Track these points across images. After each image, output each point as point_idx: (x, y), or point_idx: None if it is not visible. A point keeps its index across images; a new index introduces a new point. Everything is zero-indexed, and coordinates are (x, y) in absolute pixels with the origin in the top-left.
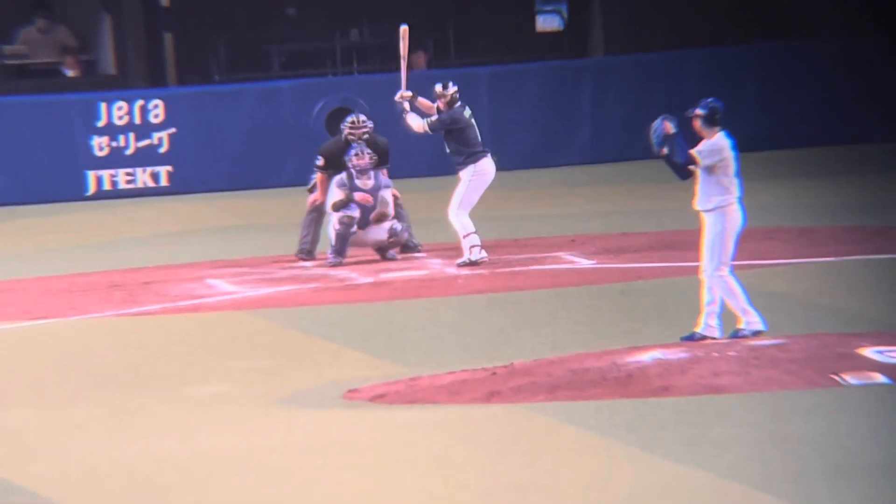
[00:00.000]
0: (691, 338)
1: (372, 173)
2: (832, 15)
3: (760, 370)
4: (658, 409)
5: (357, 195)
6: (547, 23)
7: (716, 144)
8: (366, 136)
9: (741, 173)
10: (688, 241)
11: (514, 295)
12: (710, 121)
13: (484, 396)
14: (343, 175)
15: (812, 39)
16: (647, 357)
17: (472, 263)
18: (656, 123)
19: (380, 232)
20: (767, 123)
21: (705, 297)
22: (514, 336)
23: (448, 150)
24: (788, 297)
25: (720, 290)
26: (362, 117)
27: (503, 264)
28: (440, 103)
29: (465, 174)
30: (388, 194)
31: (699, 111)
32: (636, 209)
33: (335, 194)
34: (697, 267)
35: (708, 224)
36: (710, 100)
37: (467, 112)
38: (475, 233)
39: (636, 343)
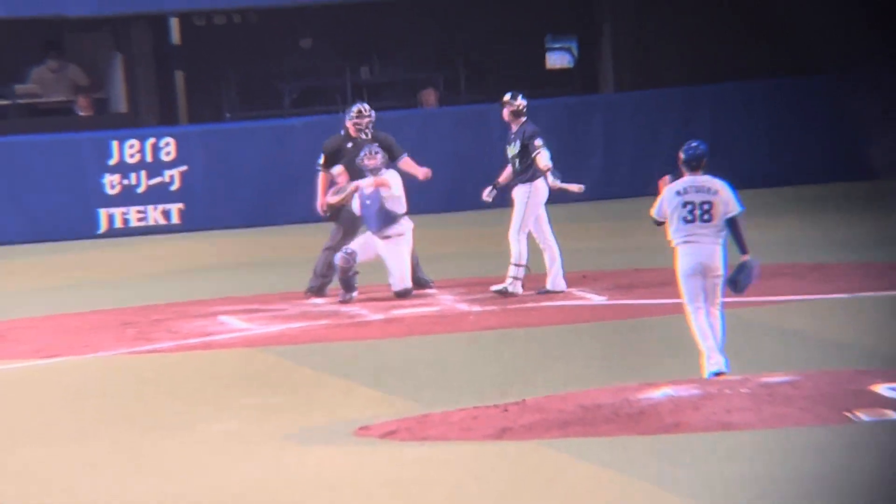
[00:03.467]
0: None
1: (383, 171)
2: (844, 50)
3: (773, 407)
4: (670, 446)
5: (358, 182)
6: (557, 60)
7: (666, 191)
8: (370, 126)
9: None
10: None
11: (525, 331)
12: (686, 164)
13: (496, 433)
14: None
15: (823, 75)
16: (658, 393)
17: (506, 294)
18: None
19: (399, 280)
20: (779, 159)
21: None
22: (526, 372)
23: (518, 166)
24: (801, 333)
25: (692, 322)
26: (366, 106)
27: (515, 300)
28: (506, 112)
29: (521, 194)
30: (391, 175)
31: (681, 154)
32: (647, 245)
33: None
34: None
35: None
36: (692, 143)
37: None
38: (524, 266)
39: (648, 379)
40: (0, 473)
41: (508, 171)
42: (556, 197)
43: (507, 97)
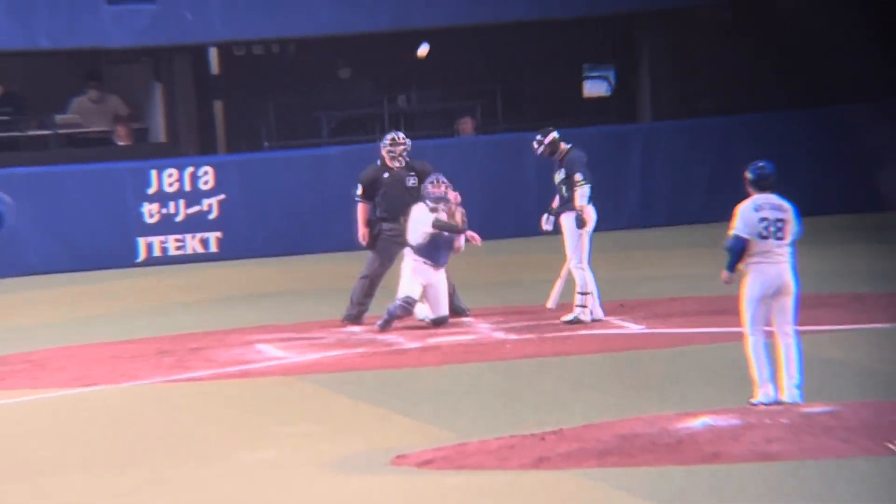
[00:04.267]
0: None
1: (444, 203)
2: (883, 78)
3: (813, 437)
4: (709, 477)
5: (467, 234)
6: (594, 88)
7: (742, 210)
8: (404, 153)
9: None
10: (736, 307)
11: (562, 359)
12: (754, 184)
13: (533, 462)
14: (423, 206)
15: (862, 104)
16: (697, 423)
17: (577, 322)
18: None
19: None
20: (818, 189)
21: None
22: (563, 401)
23: (566, 193)
24: (841, 363)
25: (749, 347)
26: (401, 135)
27: (552, 329)
28: (545, 151)
29: (570, 222)
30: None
31: (747, 174)
32: (685, 274)
33: (425, 214)
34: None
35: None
36: (758, 163)
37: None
38: (591, 294)
39: (686, 409)
40: (40, 500)
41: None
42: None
43: (534, 144)
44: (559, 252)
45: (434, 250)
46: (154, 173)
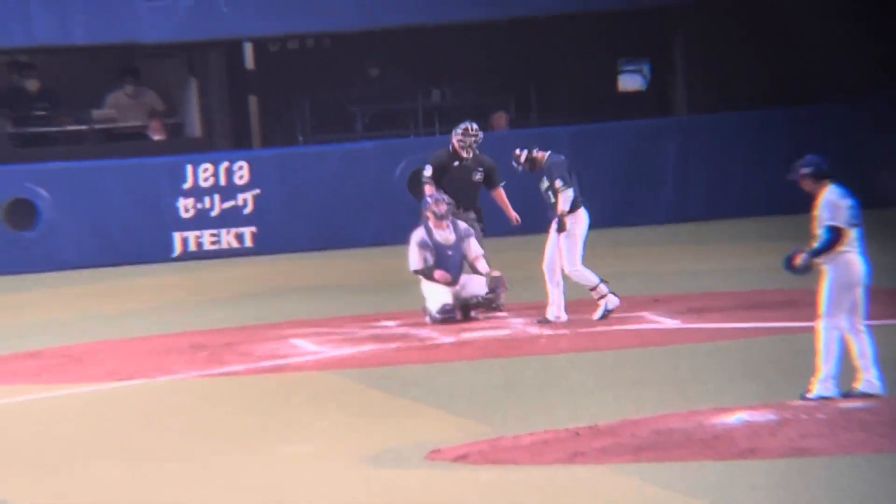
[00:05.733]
0: (849, 394)
1: (450, 224)
2: None
3: (850, 433)
4: (746, 472)
5: (436, 274)
6: (629, 82)
7: (830, 201)
8: (474, 144)
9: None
10: (773, 302)
11: (597, 354)
12: (818, 176)
13: (567, 457)
14: (421, 231)
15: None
16: (733, 419)
17: (607, 314)
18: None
19: (478, 286)
20: (862, 181)
21: (854, 351)
22: (598, 396)
23: (553, 199)
24: (878, 357)
25: (820, 336)
26: (475, 125)
27: (586, 324)
28: (524, 167)
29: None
30: (475, 245)
31: (804, 170)
32: (721, 269)
33: (415, 255)
34: (787, 327)
35: (826, 274)
36: (810, 156)
37: (562, 157)
38: (603, 282)
39: (722, 404)
40: (79, 488)
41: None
42: (626, 220)
43: (513, 164)
44: (595, 246)
45: (438, 267)
46: (189, 168)
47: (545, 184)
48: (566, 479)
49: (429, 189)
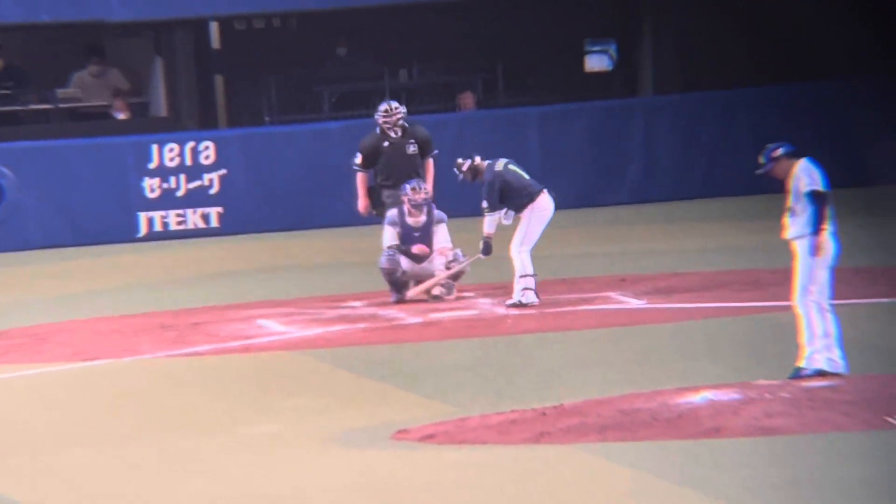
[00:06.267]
0: (798, 374)
1: (425, 208)
2: (890, 52)
3: (814, 411)
4: (710, 451)
5: (414, 248)
6: (596, 62)
7: (806, 168)
8: (400, 122)
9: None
10: (739, 281)
11: (563, 335)
12: (791, 155)
13: (534, 437)
14: (394, 212)
15: (866, 76)
16: (698, 398)
17: (520, 305)
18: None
19: (439, 263)
20: (823, 162)
21: (816, 330)
22: (564, 376)
23: (505, 207)
24: (843, 337)
25: (802, 315)
26: (394, 104)
27: (553, 304)
28: (466, 176)
29: (525, 212)
30: (444, 232)
31: (778, 151)
32: (687, 248)
33: (387, 234)
34: (753, 307)
35: (798, 253)
36: (774, 144)
37: (500, 164)
38: (533, 276)
39: (687, 384)
40: (44, 475)
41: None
42: (593, 200)
43: (455, 170)
44: (562, 226)
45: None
46: (155, 148)
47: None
48: (532, 459)
49: (361, 177)
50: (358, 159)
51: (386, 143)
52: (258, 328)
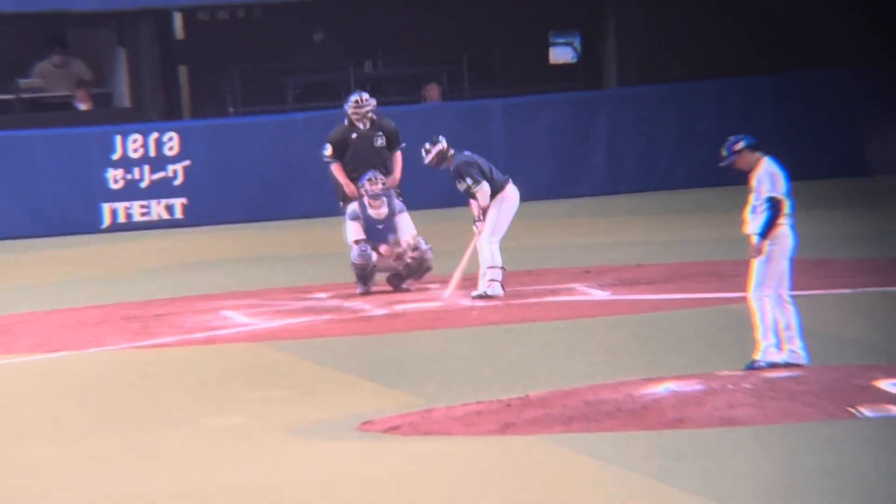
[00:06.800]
0: (752, 366)
1: (384, 199)
2: (851, 45)
3: (776, 402)
4: (674, 441)
5: (382, 248)
6: (560, 55)
7: (769, 171)
8: (370, 114)
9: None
10: (704, 273)
11: (528, 326)
12: (753, 148)
13: (499, 428)
14: (355, 205)
15: (829, 69)
16: (661, 389)
17: (486, 297)
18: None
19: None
20: (784, 154)
21: (769, 323)
22: (529, 367)
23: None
24: (804, 328)
25: (756, 310)
26: (365, 95)
27: (518, 296)
28: (433, 161)
29: (493, 202)
30: (406, 222)
31: (740, 144)
32: (652, 240)
33: (351, 229)
34: (716, 298)
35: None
36: (735, 136)
37: (467, 153)
38: (500, 268)
39: (651, 375)
40: (5, 469)
41: (473, 202)
42: (558, 192)
43: (422, 153)
44: (527, 218)
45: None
46: (118, 139)
47: (462, 185)
48: (497, 450)
49: (337, 167)
50: (328, 151)
51: (354, 135)
52: (223, 320)
